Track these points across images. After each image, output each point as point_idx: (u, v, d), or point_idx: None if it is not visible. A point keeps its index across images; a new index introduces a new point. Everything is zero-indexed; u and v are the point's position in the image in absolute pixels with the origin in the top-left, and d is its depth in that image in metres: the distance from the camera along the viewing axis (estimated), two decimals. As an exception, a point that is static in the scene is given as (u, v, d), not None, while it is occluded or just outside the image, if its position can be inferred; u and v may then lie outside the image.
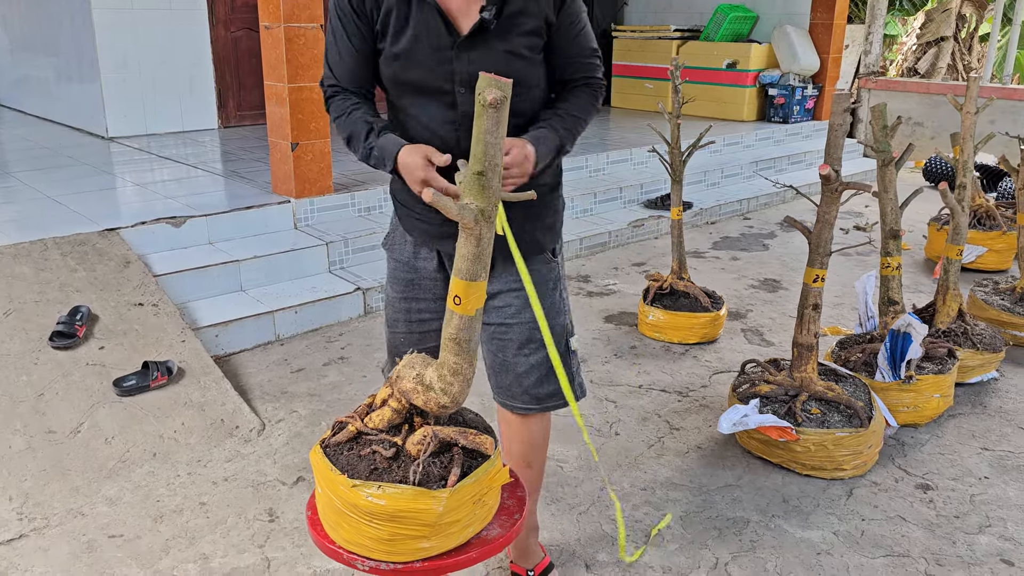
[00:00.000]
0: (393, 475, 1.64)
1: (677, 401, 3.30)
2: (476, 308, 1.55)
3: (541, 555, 2.29)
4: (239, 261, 3.96)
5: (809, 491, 2.70)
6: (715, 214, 6.06)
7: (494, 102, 1.41)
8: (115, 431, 2.86)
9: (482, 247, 1.50)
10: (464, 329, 1.55)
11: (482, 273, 1.53)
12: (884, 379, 3.05)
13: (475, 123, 1.43)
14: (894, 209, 3.20)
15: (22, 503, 2.54)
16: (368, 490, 1.60)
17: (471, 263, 1.51)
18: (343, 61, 1.85)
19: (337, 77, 1.88)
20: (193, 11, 6.62)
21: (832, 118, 2.66)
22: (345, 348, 3.74)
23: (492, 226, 1.50)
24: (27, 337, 3.16)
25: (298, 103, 4.28)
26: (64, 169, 5.23)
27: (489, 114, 1.42)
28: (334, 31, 1.84)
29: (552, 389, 2.03)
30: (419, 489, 1.59)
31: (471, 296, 1.53)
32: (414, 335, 2.06)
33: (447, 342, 1.57)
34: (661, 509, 2.59)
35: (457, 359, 1.57)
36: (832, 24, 7.73)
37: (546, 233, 2.00)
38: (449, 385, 1.60)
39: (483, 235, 1.49)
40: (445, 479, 1.63)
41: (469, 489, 1.64)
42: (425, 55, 1.76)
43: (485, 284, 1.54)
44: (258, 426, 3.03)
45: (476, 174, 1.45)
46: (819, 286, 2.79)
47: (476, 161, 1.45)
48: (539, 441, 2.14)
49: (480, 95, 1.41)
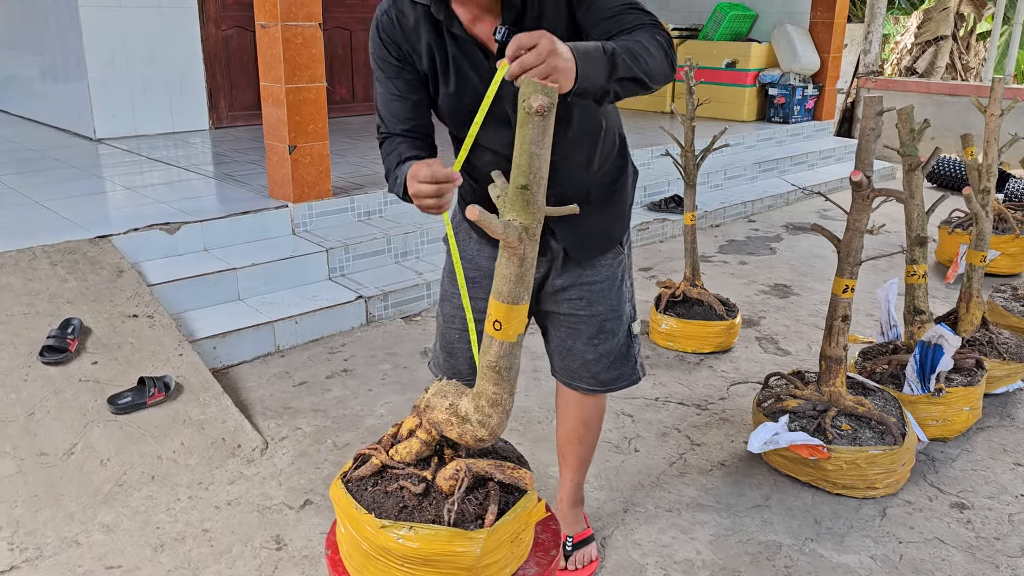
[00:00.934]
0: (425, 514, 1.51)
1: (696, 415, 3.17)
2: (518, 333, 1.42)
3: (584, 526, 2.37)
4: (236, 269, 3.81)
5: (841, 511, 2.58)
6: (719, 217, 5.95)
7: (540, 109, 1.28)
8: (111, 452, 2.71)
9: (525, 268, 1.38)
10: (505, 356, 1.42)
11: (525, 295, 1.40)
12: (913, 392, 2.94)
13: (519, 132, 1.30)
14: (920, 215, 3.09)
15: (13, 532, 2.39)
16: (399, 531, 1.47)
17: (513, 285, 1.38)
18: (388, 107, 1.83)
19: (385, 123, 1.85)
20: (183, 9, 6.44)
21: (864, 122, 2.55)
22: (348, 360, 3.60)
23: (536, 244, 1.37)
24: (16, 352, 3.01)
25: (296, 104, 4.13)
26: (51, 172, 5.06)
27: (535, 122, 1.29)
28: (378, 79, 1.82)
29: (617, 374, 2.11)
30: (455, 530, 1.46)
31: (513, 321, 1.40)
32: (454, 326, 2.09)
33: (485, 370, 1.44)
34: (688, 532, 2.47)
35: (497, 389, 1.44)
36: (832, 23, 7.64)
37: (615, 223, 2.02)
38: (487, 417, 1.47)
39: (527, 255, 1.36)
40: (481, 517, 1.51)
41: (507, 528, 1.52)
42: (475, 85, 1.73)
43: (527, 307, 1.42)
44: (261, 445, 2.88)
45: (520, 188, 1.32)
46: (849, 296, 2.68)
47: (520, 174, 1.32)
48: (594, 418, 2.23)
49: (525, 102, 1.28)
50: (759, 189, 6.52)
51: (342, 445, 2.92)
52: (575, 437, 2.23)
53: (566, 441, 2.26)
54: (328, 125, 4.32)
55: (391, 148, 1.81)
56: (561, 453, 2.30)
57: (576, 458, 2.28)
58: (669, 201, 5.70)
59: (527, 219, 1.34)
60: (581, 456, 2.27)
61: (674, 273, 4.84)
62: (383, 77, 1.80)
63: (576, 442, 2.24)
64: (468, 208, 1.26)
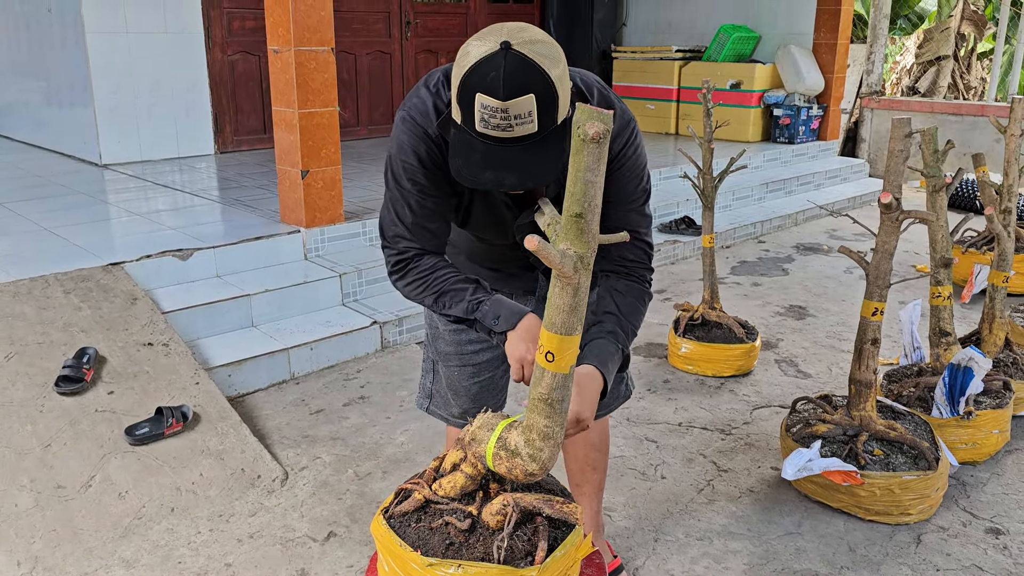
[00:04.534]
0: (473, 551, 1.46)
1: (721, 440, 3.13)
2: (570, 365, 1.38)
3: (611, 555, 2.33)
4: (250, 295, 3.77)
5: (875, 538, 2.53)
6: (730, 238, 5.93)
7: (596, 136, 1.25)
8: (129, 484, 2.66)
9: (579, 298, 1.34)
10: (558, 389, 1.38)
11: (578, 326, 1.36)
12: (942, 415, 2.90)
13: (573, 159, 1.27)
14: (945, 236, 3.07)
15: (32, 568, 2.33)
16: (447, 569, 1.43)
17: (567, 315, 1.34)
18: (419, 213, 1.72)
19: (415, 237, 1.74)
20: (189, 34, 6.45)
21: (892, 143, 2.53)
22: (365, 387, 3.55)
23: (590, 273, 1.34)
24: (31, 383, 2.96)
25: (308, 129, 4.11)
26: (58, 199, 5.02)
27: (590, 149, 1.26)
28: (403, 191, 1.70)
29: (615, 394, 2.08)
30: (505, 568, 1.42)
31: (565, 352, 1.36)
32: (467, 368, 2.05)
33: (536, 403, 1.40)
34: (721, 562, 2.42)
35: (548, 422, 1.40)
36: (836, 43, 7.66)
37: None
38: (539, 451, 1.42)
39: (581, 284, 1.33)
40: (530, 554, 1.46)
41: (559, 564, 1.47)
42: (490, 222, 1.77)
43: (579, 338, 1.38)
44: (281, 475, 2.83)
45: (574, 216, 1.29)
46: (878, 320, 2.65)
47: (574, 202, 1.28)
48: (602, 440, 2.21)
49: (580, 129, 1.25)
50: (768, 210, 6.51)
51: (363, 475, 2.87)
52: (588, 464, 2.20)
53: (579, 470, 2.22)
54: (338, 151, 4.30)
55: (429, 267, 1.73)
56: (575, 483, 2.25)
57: (592, 486, 2.24)
58: (680, 223, 5.68)
59: (581, 248, 1.30)
60: (597, 483, 2.25)
61: (688, 295, 4.81)
62: (412, 191, 1.68)
63: (590, 469, 2.21)
64: (527, 238, 1.22)
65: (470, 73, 1.43)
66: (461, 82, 1.45)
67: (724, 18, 8.27)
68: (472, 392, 2.07)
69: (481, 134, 1.47)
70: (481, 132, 1.46)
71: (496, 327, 1.64)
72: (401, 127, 1.66)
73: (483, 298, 1.66)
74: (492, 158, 1.47)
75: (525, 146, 1.47)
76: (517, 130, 1.44)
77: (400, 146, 1.66)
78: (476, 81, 1.42)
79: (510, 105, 1.41)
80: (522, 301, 1.97)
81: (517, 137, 1.46)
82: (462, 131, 1.50)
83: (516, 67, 1.41)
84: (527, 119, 1.43)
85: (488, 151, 1.47)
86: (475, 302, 1.66)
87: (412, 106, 1.66)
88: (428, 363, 2.15)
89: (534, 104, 1.42)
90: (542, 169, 1.49)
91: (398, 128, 1.67)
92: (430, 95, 1.65)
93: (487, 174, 1.48)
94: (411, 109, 1.65)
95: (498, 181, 1.49)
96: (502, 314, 1.64)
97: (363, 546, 2.47)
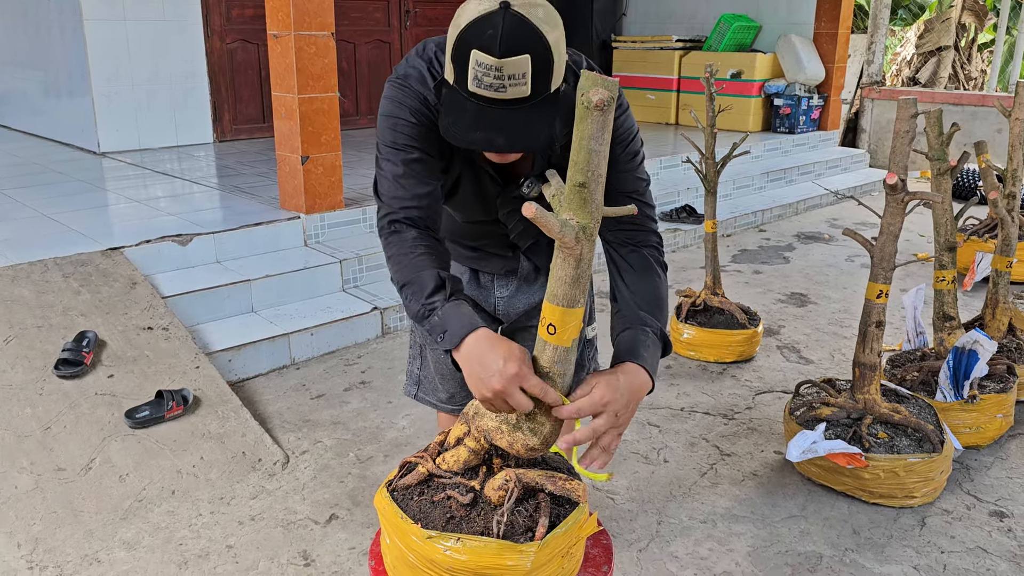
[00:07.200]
0: (473, 525, 1.45)
1: (723, 424, 3.12)
2: (573, 338, 1.37)
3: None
4: (250, 281, 3.76)
5: (879, 521, 2.52)
6: (731, 227, 5.91)
7: (600, 104, 1.23)
8: (129, 467, 2.65)
9: (581, 269, 1.32)
10: (560, 362, 1.37)
11: (581, 298, 1.34)
12: (946, 399, 2.89)
13: (577, 128, 1.25)
14: (949, 220, 3.05)
15: (32, 549, 2.32)
16: (446, 542, 1.41)
17: (569, 287, 1.33)
18: (407, 176, 1.59)
19: (396, 201, 1.60)
20: (187, 23, 6.42)
21: (898, 124, 2.51)
22: (366, 372, 3.54)
23: (593, 245, 1.32)
24: (30, 366, 2.94)
25: (309, 115, 4.09)
26: (57, 186, 5.00)
27: (594, 117, 1.24)
28: (392, 147, 1.58)
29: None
30: (504, 542, 1.40)
31: (568, 324, 1.35)
32: None
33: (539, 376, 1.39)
34: (725, 544, 2.41)
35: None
36: (836, 33, 7.64)
37: None
38: (540, 425, 1.41)
39: (583, 255, 1.31)
40: (531, 530, 1.44)
41: (559, 541, 1.45)
42: (476, 199, 1.73)
43: (583, 311, 1.36)
44: (282, 458, 2.82)
45: (578, 186, 1.27)
46: (883, 302, 2.63)
47: (578, 171, 1.27)
48: None
49: (584, 96, 1.23)
50: (768, 199, 6.49)
51: (365, 458, 2.86)
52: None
53: None
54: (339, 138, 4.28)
55: (410, 244, 1.58)
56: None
57: None
58: (680, 211, 5.67)
59: (584, 218, 1.29)
60: None
61: (690, 282, 4.80)
62: (404, 143, 1.58)
63: None
64: (524, 205, 1.20)
65: (467, 29, 1.40)
66: (457, 38, 1.41)
67: (725, 7, 8.24)
68: (459, 376, 2.02)
69: (473, 93, 1.44)
70: (473, 91, 1.43)
71: (440, 345, 1.48)
72: (394, 91, 1.60)
73: (437, 304, 1.49)
74: (483, 118, 1.44)
75: (516, 109, 1.44)
76: (510, 91, 1.41)
77: (398, 104, 1.59)
78: (472, 37, 1.39)
79: (505, 64, 1.38)
80: (503, 282, 1.93)
81: (509, 99, 1.43)
82: (454, 91, 1.47)
83: (514, 27, 1.38)
84: (520, 80, 1.40)
85: (479, 111, 1.44)
86: (428, 307, 1.50)
87: (406, 73, 1.61)
88: (415, 348, 2.09)
89: (529, 66, 1.39)
90: (532, 132, 1.46)
91: (391, 91, 1.60)
92: (423, 62, 1.62)
93: (477, 134, 1.45)
94: (405, 76, 1.60)
95: (488, 141, 1.45)
96: (449, 327, 1.46)
97: (365, 528, 2.46)
